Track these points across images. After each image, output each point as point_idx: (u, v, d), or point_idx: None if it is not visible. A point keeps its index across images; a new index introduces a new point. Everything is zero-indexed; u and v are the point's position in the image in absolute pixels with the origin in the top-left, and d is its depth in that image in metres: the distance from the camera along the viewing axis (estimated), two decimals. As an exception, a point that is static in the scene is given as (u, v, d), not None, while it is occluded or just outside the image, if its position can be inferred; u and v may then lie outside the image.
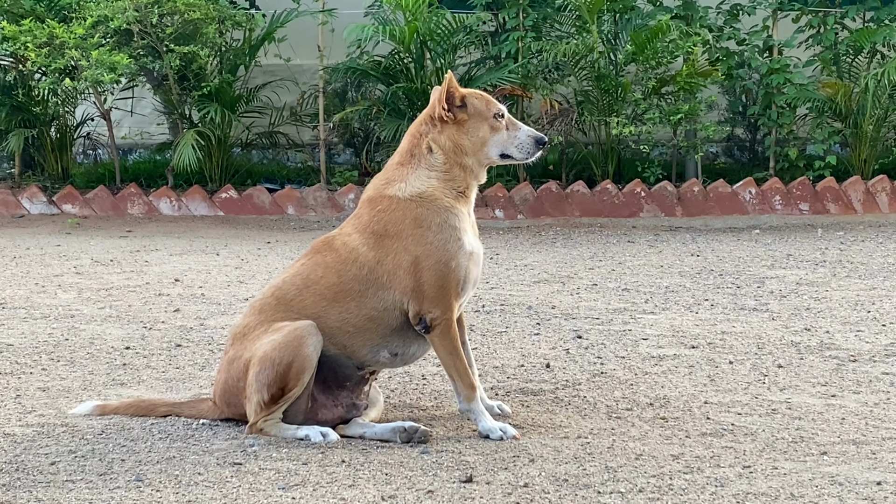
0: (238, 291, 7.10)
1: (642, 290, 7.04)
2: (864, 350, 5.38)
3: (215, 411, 4.24)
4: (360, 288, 4.03)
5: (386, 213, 4.07)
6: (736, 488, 3.47)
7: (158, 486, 3.52)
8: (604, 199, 10.89)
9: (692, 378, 4.91)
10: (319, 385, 4.06)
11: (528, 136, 4.14)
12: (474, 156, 4.13)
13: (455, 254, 4.01)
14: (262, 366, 3.96)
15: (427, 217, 4.04)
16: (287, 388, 3.95)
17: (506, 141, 4.15)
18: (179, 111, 11.54)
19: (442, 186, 4.10)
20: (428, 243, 4.00)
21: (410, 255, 4.00)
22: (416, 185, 4.09)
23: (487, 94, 4.30)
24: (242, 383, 4.05)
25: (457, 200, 4.11)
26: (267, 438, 3.98)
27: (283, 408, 4.01)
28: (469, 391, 4.06)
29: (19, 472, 3.65)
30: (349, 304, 4.03)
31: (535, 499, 3.40)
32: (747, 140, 12.26)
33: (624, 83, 10.83)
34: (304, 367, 3.95)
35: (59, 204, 11.25)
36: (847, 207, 10.83)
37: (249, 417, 4.06)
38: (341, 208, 11.07)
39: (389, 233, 4.04)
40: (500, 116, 4.15)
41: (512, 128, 4.16)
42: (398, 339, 4.08)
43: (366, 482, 3.56)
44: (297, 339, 3.95)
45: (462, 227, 4.07)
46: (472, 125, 4.13)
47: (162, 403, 4.34)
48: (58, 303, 6.70)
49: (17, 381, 4.86)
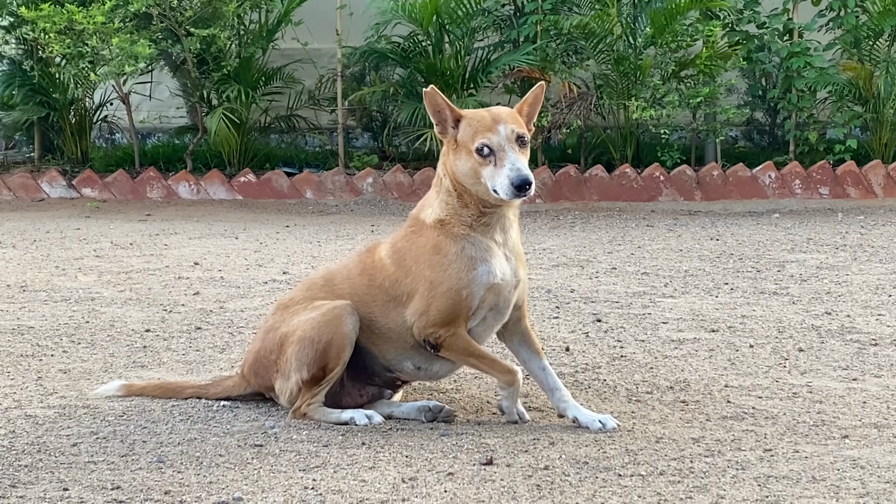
0: (257, 274, 7.11)
1: (662, 274, 7.02)
2: (885, 334, 5.36)
3: (241, 385, 4.24)
4: (384, 299, 4.01)
5: (413, 236, 4.01)
6: (757, 471, 3.46)
7: (179, 468, 3.53)
8: (622, 183, 10.86)
9: (712, 362, 4.89)
10: (350, 372, 4.06)
11: (507, 178, 3.73)
12: (471, 186, 3.87)
13: (468, 283, 3.86)
14: (301, 345, 3.96)
15: (445, 245, 3.91)
16: (328, 367, 3.96)
17: (492, 176, 3.79)
18: (199, 94, 11.54)
19: (457, 213, 3.91)
20: (442, 270, 3.89)
21: (426, 281, 3.92)
22: (437, 211, 3.96)
23: (493, 112, 3.89)
24: (274, 356, 4.05)
25: (473, 228, 3.90)
26: (287, 421, 3.99)
27: (326, 389, 4.01)
28: (507, 375, 3.96)
29: (41, 454, 3.67)
30: (375, 310, 4.02)
31: (556, 481, 3.39)
32: (767, 124, 12.21)
33: (643, 66, 10.79)
34: (343, 345, 3.95)
35: (79, 188, 11.28)
36: (867, 191, 10.78)
37: (280, 395, 4.08)
38: (359, 192, 11.07)
39: (411, 255, 3.98)
40: (483, 152, 3.79)
41: (499, 164, 3.77)
42: (419, 355, 4.03)
43: (386, 464, 3.56)
44: (336, 318, 3.95)
45: (480, 256, 3.88)
46: (462, 152, 3.86)
47: (188, 385, 4.36)
48: (78, 286, 6.72)
49: (39, 364, 4.88)
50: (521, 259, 4.04)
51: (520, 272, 3.99)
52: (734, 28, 11.16)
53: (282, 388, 4.06)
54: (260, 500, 3.24)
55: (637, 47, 10.98)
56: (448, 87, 11.10)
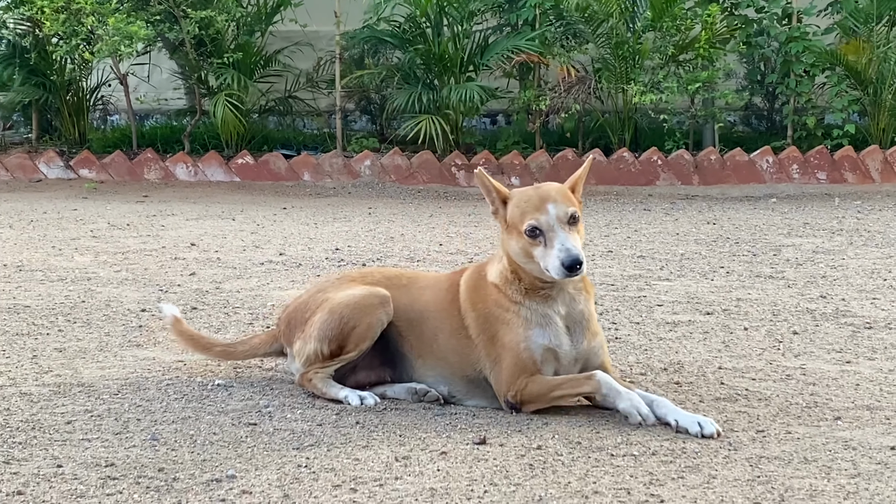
0: (254, 256, 7.11)
1: (658, 258, 7.03)
2: (879, 317, 5.37)
3: (268, 342, 4.29)
4: (452, 325, 3.99)
5: (481, 280, 3.99)
6: (749, 452, 3.47)
7: (174, 445, 3.54)
8: (620, 167, 10.86)
9: (707, 344, 4.90)
10: (370, 350, 4.08)
11: (557, 258, 3.67)
12: (524, 265, 3.81)
13: (525, 339, 3.82)
14: (331, 315, 4.01)
15: (504, 303, 3.88)
16: (345, 349, 4.01)
17: (542, 257, 3.73)
18: (196, 76, 11.53)
19: (512, 284, 3.88)
20: (504, 324, 3.87)
21: (493, 330, 3.90)
22: (495, 276, 3.95)
23: (541, 191, 3.82)
24: (308, 315, 4.09)
25: (529, 297, 3.84)
26: (282, 400, 4.00)
27: (339, 366, 4.05)
28: (589, 384, 3.78)
29: (36, 431, 3.68)
30: (441, 331, 4.02)
31: (549, 461, 3.40)
32: (765, 109, 12.20)
33: (642, 50, 10.78)
34: (365, 336, 4.00)
35: (76, 168, 11.28)
36: (865, 176, 10.78)
37: (297, 356, 4.11)
38: (357, 175, 11.07)
39: (480, 298, 3.96)
40: (533, 234, 3.74)
41: (549, 244, 3.71)
42: (462, 385, 4.00)
43: (380, 443, 3.57)
44: (370, 306, 3.99)
45: (536, 320, 3.82)
46: (514, 233, 3.81)
47: (217, 343, 4.40)
48: (74, 266, 6.73)
49: (34, 342, 4.88)
50: (591, 330, 3.91)
51: (584, 344, 3.88)
52: (733, 12, 11.15)
53: (300, 349, 4.10)
54: (253, 478, 3.25)
55: (636, 31, 10.97)
56: (446, 70, 11.09)
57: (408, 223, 8.70)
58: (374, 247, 7.50)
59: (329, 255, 7.17)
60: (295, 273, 6.56)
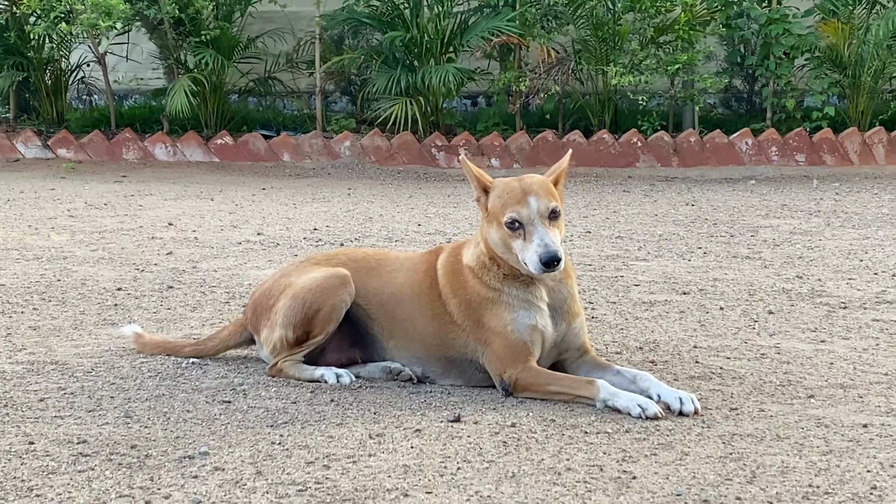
0: (231, 235, 7.09)
1: (636, 238, 7.04)
2: (854, 297, 5.39)
3: (236, 333, 4.26)
4: (431, 311, 3.98)
5: (457, 265, 3.97)
6: (722, 429, 3.48)
7: (147, 423, 3.53)
8: (600, 148, 10.86)
9: (682, 323, 4.91)
10: (337, 332, 4.06)
11: (535, 253, 3.65)
12: (502, 255, 3.82)
13: (512, 321, 3.82)
14: (294, 301, 3.99)
15: (481, 290, 3.88)
16: (312, 333, 4.00)
17: (521, 250, 3.73)
18: (175, 56, 11.47)
19: (488, 270, 3.87)
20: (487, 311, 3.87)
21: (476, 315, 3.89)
22: (468, 257, 3.94)
23: (525, 183, 3.78)
24: (271, 302, 4.08)
25: (505, 283, 3.84)
26: (256, 378, 3.99)
27: (307, 352, 4.04)
28: (588, 388, 3.73)
29: (8, 408, 3.66)
30: (416, 314, 4.00)
31: (522, 438, 3.40)
32: (745, 91, 12.21)
33: (622, 31, 10.77)
34: (330, 318, 3.99)
35: (54, 148, 11.22)
36: (843, 159, 10.81)
37: (265, 344, 4.10)
38: (337, 156, 11.04)
39: (459, 284, 3.94)
40: (513, 226, 3.73)
41: (528, 238, 3.70)
42: (437, 366, 4.01)
43: (354, 421, 3.56)
44: (332, 288, 3.98)
45: (517, 304, 3.82)
46: (493, 223, 3.81)
47: (186, 344, 4.36)
48: (50, 245, 6.70)
49: (8, 321, 4.86)
50: (572, 311, 3.91)
51: (563, 326, 3.89)
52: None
53: (267, 338, 4.08)
54: (226, 455, 3.24)
55: (616, 12, 10.96)
56: (427, 52, 11.06)
57: (387, 204, 8.69)
58: (352, 227, 7.49)
59: (307, 235, 7.15)
60: (272, 253, 6.54)
